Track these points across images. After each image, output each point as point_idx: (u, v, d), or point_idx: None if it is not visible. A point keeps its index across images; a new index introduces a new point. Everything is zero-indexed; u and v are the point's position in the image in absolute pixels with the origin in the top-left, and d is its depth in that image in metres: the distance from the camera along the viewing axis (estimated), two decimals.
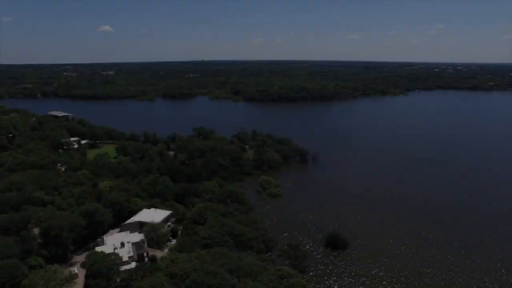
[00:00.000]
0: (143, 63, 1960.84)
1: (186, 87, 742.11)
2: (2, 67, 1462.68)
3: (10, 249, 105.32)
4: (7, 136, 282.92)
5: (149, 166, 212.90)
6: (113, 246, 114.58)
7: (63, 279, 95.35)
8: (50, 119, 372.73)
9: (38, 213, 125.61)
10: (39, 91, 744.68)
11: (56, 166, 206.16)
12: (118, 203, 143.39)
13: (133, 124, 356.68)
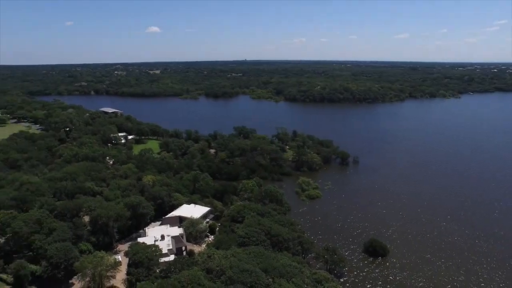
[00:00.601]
0: (188, 63, 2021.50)
1: (228, 86, 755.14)
2: (64, 66, 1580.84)
3: (65, 234, 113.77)
4: (65, 130, 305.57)
5: (190, 162, 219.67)
6: (154, 238, 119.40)
7: (108, 265, 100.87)
8: (101, 115, 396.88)
9: (89, 202, 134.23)
10: (92, 88, 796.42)
11: (105, 159, 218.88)
12: (160, 197, 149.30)
13: (176, 122, 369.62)
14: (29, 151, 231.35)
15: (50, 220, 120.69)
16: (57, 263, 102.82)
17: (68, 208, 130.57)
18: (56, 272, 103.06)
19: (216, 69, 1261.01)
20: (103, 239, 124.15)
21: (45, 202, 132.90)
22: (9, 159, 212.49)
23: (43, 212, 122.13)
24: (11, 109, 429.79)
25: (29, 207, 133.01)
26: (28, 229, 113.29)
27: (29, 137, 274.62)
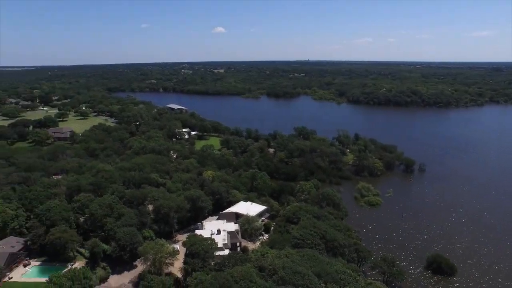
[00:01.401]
0: (251, 62, 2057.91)
1: (290, 86, 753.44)
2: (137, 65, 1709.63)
3: (132, 219, 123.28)
4: (136, 124, 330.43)
5: (249, 161, 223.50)
6: (211, 232, 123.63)
7: (168, 253, 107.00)
8: (168, 111, 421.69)
9: (153, 192, 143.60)
10: (161, 86, 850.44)
11: (170, 153, 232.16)
12: (218, 192, 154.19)
13: (237, 120, 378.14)
14: (105, 142, 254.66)
15: (120, 206, 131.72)
16: (124, 245, 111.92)
17: (135, 196, 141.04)
18: (122, 254, 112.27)
19: (278, 69, 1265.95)
20: (164, 228, 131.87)
21: (116, 189, 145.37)
22: (89, 148, 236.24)
23: (114, 198, 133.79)
24: (93, 104, 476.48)
25: (103, 192, 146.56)
26: (102, 212, 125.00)
27: (106, 129, 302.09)
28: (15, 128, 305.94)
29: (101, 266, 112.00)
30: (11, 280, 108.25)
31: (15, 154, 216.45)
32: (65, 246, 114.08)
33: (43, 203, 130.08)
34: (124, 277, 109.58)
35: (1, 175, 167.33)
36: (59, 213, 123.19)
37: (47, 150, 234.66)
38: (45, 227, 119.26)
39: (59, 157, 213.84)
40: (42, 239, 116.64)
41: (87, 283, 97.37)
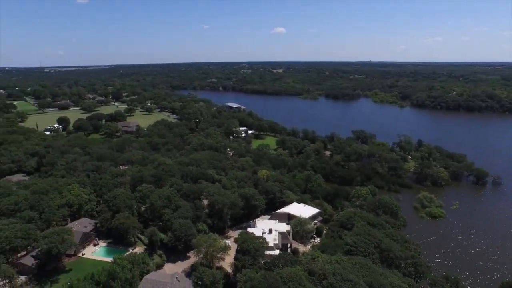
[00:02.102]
0: (310, 63, 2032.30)
1: (350, 88, 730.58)
2: (199, 65, 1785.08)
3: (188, 212, 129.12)
4: (195, 121, 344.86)
5: (305, 162, 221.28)
6: (262, 231, 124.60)
7: (219, 247, 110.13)
8: (226, 109, 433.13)
9: (209, 188, 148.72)
10: (221, 85, 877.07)
11: (226, 150, 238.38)
12: (272, 192, 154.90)
13: (294, 120, 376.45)
14: (166, 137, 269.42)
15: (177, 198, 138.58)
16: (179, 236, 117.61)
17: (192, 191, 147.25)
18: (177, 244, 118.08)
19: (338, 69, 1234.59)
20: (217, 223, 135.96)
21: (174, 182, 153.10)
22: (152, 142, 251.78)
23: (172, 191, 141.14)
24: (157, 100, 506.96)
25: (162, 184, 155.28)
26: (161, 203, 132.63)
27: (168, 125, 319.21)
28: (91, 121, 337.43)
29: (158, 253, 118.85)
30: (84, 256, 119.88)
31: (90, 145, 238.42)
32: (128, 231, 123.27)
33: (111, 191, 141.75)
34: (178, 266, 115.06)
35: (78, 163, 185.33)
36: (124, 200, 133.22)
37: (116, 142, 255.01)
38: (111, 212, 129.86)
39: (126, 149, 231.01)
40: (109, 223, 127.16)
41: (145, 267, 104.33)
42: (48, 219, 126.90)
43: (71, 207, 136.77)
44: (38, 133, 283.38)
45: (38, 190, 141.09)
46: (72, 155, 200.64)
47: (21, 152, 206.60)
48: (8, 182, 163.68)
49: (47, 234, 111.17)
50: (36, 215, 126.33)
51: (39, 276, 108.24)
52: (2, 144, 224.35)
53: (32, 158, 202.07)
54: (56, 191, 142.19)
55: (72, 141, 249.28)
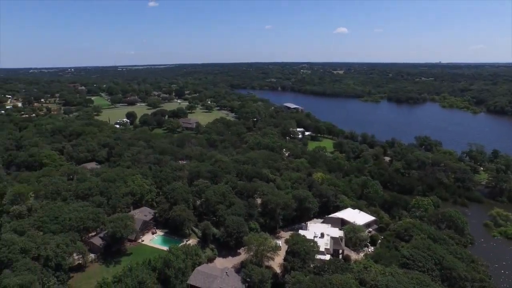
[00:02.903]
0: (373, 64, 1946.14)
1: (415, 91, 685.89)
2: (259, 64, 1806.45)
3: (241, 210, 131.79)
4: (253, 120, 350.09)
5: (362, 167, 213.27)
6: (314, 234, 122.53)
7: (270, 247, 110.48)
8: (284, 110, 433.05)
9: (263, 187, 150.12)
10: (279, 85, 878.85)
11: (282, 150, 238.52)
12: (326, 196, 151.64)
13: (353, 123, 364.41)
14: (224, 135, 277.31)
15: (231, 195, 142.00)
16: (231, 232, 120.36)
17: (246, 189, 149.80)
18: (229, 240, 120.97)
19: (403, 71, 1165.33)
20: (269, 223, 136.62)
21: (230, 180, 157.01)
22: (210, 139, 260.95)
23: (227, 188, 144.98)
24: (217, 98, 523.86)
25: (218, 180, 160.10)
26: (215, 199, 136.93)
27: (226, 123, 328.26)
28: (155, 117, 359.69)
29: (210, 247, 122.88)
30: (143, 243, 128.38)
31: (153, 139, 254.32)
32: (183, 223, 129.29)
33: (170, 183, 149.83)
34: (228, 261, 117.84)
35: (142, 155, 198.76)
36: (181, 194, 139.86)
37: (176, 137, 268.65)
38: (169, 204, 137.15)
39: (185, 144, 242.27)
40: (167, 214, 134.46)
41: (197, 259, 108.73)
42: (114, 205, 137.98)
43: (134, 196, 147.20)
44: (109, 126, 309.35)
45: (107, 178, 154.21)
46: (137, 148, 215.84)
47: (95, 142, 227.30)
48: (84, 169, 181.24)
49: (113, 219, 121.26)
50: (105, 200, 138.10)
51: (105, 255, 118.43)
52: (81, 135, 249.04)
53: (103, 149, 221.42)
54: (122, 180, 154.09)
55: (138, 134, 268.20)
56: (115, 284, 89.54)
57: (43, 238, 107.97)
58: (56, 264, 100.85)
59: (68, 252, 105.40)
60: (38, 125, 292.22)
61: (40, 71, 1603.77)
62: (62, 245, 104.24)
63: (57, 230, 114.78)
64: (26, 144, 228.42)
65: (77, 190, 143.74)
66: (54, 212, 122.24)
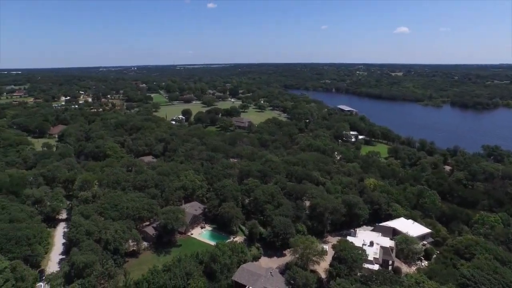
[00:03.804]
0: (436, 66, 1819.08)
1: (484, 95, 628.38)
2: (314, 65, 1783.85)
3: (289, 211, 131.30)
4: (305, 121, 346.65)
5: (419, 175, 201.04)
6: (363, 242, 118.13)
7: (316, 251, 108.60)
8: (338, 112, 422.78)
9: (312, 189, 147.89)
10: (334, 86, 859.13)
11: (334, 153, 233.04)
12: (377, 203, 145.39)
13: (410, 128, 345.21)
14: (276, 135, 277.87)
15: (280, 196, 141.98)
16: (278, 233, 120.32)
17: (295, 190, 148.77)
18: (275, 240, 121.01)
19: (471, 74, 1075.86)
20: (316, 226, 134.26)
21: (279, 180, 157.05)
22: (262, 138, 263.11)
23: (276, 188, 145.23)
24: (270, 98, 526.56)
25: (268, 180, 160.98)
26: (264, 198, 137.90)
27: (278, 123, 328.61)
28: (209, 115, 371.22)
29: (256, 246, 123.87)
30: (192, 236, 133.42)
31: (206, 136, 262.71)
32: (231, 220, 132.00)
33: (220, 180, 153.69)
34: (273, 262, 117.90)
35: (195, 152, 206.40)
36: (231, 191, 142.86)
37: (229, 135, 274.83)
38: (219, 200, 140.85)
39: (237, 143, 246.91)
40: (216, 210, 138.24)
41: (242, 257, 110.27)
42: (167, 198, 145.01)
43: (185, 190, 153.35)
44: (166, 122, 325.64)
45: (162, 172, 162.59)
46: (191, 144, 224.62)
47: (152, 137, 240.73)
48: (141, 162, 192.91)
49: (165, 210, 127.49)
50: (159, 193, 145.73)
51: (157, 244, 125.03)
52: (140, 130, 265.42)
53: (160, 144, 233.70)
54: (176, 174, 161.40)
55: (192, 131, 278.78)
56: (165, 272, 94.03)
57: (104, 223, 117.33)
58: (114, 248, 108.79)
59: (124, 238, 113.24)
60: (104, 119, 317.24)
61: (108, 70, 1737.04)
62: (120, 231, 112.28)
63: (116, 217, 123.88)
64: (93, 136, 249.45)
65: (134, 181, 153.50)
66: (114, 200, 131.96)
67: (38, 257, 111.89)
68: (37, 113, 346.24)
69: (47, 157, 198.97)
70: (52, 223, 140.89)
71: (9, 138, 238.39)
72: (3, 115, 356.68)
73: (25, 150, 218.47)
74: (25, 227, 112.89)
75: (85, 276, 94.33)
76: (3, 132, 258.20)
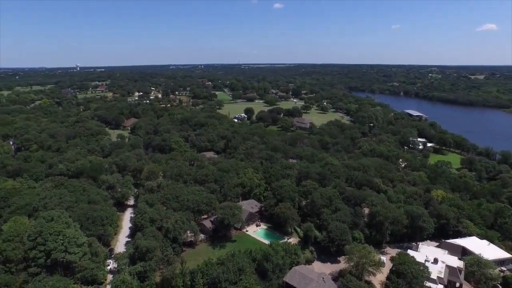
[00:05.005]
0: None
1: None
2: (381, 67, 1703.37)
3: (346, 217, 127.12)
4: (369, 125, 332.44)
5: (498, 191, 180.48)
6: (425, 258, 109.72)
7: (373, 261, 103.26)
8: (405, 117, 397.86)
9: (372, 197, 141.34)
10: (402, 89, 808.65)
11: (398, 161, 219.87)
12: (446, 217, 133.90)
13: (490, 138, 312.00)
14: (337, 138, 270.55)
15: (338, 200, 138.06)
16: (333, 238, 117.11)
17: (354, 196, 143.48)
18: (330, 245, 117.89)
19: None
20: (375, 236, 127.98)
21: (338, 184, 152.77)
22: (322, 140, 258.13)
23: (335, 192, 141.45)
24: (333, 100, 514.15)
25: (326, 183, 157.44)
26: (321, 202, 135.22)
27: (340, 125, 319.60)
28: (271, 114, 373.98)
29: (310, 249, 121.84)
30: (247, 233, 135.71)
31: (267, 135, 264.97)
32: (286, 221, 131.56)
33: (278, 180, 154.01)
34: (326, 267, 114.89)
35: (255, 150, 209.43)
36: (288, 192, 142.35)
37: (289, 136, 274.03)
38: (275, 200, 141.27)
39: (297, 144, 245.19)
40: (272, 209, 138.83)
41: (295, 258, 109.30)
42: (225, 194, 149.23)
43: (244, 187, 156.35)
44: (229, 120, 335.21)
45: (222, 168, 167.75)
46: (251, 143, 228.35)
47: (215, 134, 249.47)
48: (203, 157, 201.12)
49: (223, 206, 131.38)
50: (218, 188, 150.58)
51: (213, 238, 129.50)
52: (204, 126, 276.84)
53: (221, 140, 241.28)
54: (235, 171, 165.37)
55: (253, 130, 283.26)
56: (218, 265, 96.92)
57: (166, 213, 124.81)
58: (173, 236, 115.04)
59: (183, 229, 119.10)
60: (171, 114, 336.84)
61: (177, 68, 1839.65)
62: (179, 221, 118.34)
63: (176, 208, 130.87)
64: (161, 129, 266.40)
65: (196, 175, 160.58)
66: (176, 191, 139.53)
67: (109, 237, 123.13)
68: (114, 107, 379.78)
69: (120, 147, 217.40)
70: (121, 208, 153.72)
71: (91, 128, 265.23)
72: (88, 108, 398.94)
73: (103, 140, 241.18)
74: (100, 209, 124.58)
75: (146, 260, 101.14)
76: (87, 122, 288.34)
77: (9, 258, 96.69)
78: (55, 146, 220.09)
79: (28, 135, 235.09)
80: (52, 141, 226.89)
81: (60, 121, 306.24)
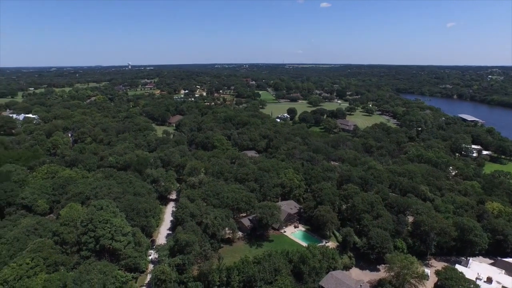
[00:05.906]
0: None
1: None
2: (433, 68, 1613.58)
3: (388, 224, 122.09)
4: (417, 129, 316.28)
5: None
6: (477, 275, 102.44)
7: (416, 273, 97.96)
8: (458, 122, 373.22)
9: (417, 205, 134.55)
10: (456, 92, 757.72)
11: (448, 168, 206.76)
12: (502, 233, 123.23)
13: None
14: (382, 141, 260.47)
15: (380, 207, 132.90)
16: (374, 245, 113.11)
17: (398, 203, 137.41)
18: (370, 252, 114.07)
19: None
20: (418, 246, 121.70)
21: (381, 190, 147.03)
22: (366, 144, 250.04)
23: (377, 198, 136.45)
24: (379, 102, 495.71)
25: (368, 188, 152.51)
26: (362, 207, 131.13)
27: (386, 129, 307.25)
28: (314, 115, 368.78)
29: (348, 255, 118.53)
30: (284, 234, 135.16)
31: (309, 136, 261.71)
32: (325, 224, 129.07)
33: (319, 182, 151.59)
34: (364, 275, 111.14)
35: (296, 151, 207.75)
36: (328, 195, 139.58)
37: (332, 138, 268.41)
38: (315, 203, 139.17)
39: (340, 146, 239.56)
40: (311, 211, 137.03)
41: (332, 263, 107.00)
42: (265, 193, 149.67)
43: (283, 188, 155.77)
44: (271, 120, 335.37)
45: (263, 167, 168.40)
46: (293, 143, 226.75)
47: (257, 133, 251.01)
48: (244, 155, 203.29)
49: (262, 205, 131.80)
50: (258, 187, 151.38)
51: (250, 236, 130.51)
52: (246, 125, 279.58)
53: (263, 140, 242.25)
54: (276, 171, 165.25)
55: (295, 130, 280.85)
56: (255, 264, 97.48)
57: (206, 209, 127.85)
58: (212, 232, 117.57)
59: (222, 226, 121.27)
60: (215, 112, 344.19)
61: (222, 66, 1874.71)
62: (219, 218, 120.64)
63: (216, 205, 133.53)
64: (204, 127, 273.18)
65: (236, 173, 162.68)
66: (216, 188, 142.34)
67: (151, 228, 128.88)
68: (161, 104, 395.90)
69: (165, 143, 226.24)
70: (164, 201, 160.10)
71: (139, 123, 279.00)
72: (137, 104, 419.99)
73: (149, 135, 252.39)
74: (144, 201, 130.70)
75: (185, 253, 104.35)
76: (135, 118, 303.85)
77: (65, 240, 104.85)
78: (106, 139, 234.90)
79: (84, 128, 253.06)
80: (104, 135, 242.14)
81: (112, 116, 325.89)
